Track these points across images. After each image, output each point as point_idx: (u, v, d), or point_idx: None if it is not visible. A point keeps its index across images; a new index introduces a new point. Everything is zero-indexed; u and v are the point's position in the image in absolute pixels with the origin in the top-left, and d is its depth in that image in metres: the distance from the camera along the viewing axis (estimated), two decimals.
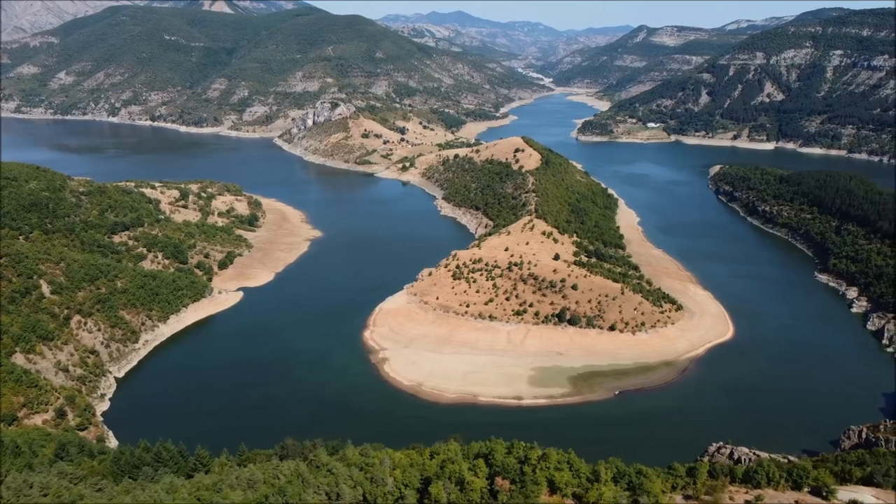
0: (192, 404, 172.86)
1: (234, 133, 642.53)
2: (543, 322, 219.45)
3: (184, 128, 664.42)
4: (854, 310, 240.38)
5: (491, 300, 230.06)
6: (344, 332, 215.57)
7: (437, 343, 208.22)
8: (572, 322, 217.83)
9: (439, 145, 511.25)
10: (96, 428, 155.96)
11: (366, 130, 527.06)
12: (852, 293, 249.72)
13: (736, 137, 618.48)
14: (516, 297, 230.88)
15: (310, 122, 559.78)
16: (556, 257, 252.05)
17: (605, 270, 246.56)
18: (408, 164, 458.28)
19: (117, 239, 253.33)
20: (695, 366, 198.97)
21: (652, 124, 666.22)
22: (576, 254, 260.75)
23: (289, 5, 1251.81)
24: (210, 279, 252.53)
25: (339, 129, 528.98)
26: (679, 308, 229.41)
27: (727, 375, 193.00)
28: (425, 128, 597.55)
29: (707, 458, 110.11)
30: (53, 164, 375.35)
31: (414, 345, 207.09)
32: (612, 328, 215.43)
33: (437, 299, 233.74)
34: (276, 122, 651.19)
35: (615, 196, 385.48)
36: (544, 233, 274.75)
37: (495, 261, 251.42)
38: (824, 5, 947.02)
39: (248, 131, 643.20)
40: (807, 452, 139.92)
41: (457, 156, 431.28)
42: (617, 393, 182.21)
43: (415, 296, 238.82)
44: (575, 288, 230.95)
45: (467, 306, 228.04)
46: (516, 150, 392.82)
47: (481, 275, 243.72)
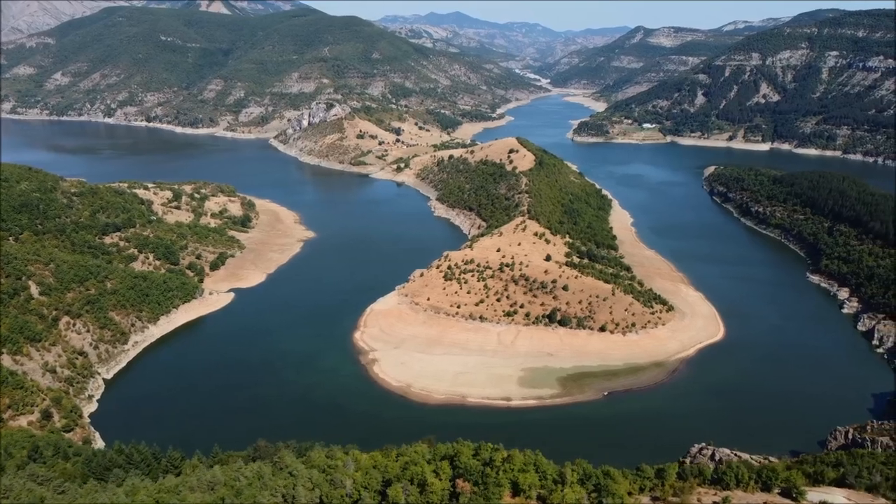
0: (180, 405, 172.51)
1: (229, 134, 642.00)
2: (534, 323, 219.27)
3: (179, 129, 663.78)
4: (845, 310, 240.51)
5: (482, 301, 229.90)
6: (334, 333, 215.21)
7: (428, 344, 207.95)
8: (563, 323, 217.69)
9: (434, 146, 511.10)
10: (82, 429, 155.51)
11: (361, 131, 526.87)
12: (844, 294, 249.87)
13: (731, 138, 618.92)
14: (507, 297, 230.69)
15: (305, 122, 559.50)
16: (548, 258, 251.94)
17: (596, 271, 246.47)
18: (402, 164, 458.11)
19: (108, 240, 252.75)
20: (685, 366, 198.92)
21: (647, 125, 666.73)
22: (568, 254, 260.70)
23: (286, 6, 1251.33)
24: (201, 280, 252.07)
25: (335, 130, 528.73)
26: (670, 309, 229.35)
27: (717, 376, 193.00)
28: (421, 129, 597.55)
29: (689, 459, 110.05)
30: (48, 165, 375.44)
31: (404, 346, 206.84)
32: (602, 329, 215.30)
33: (429, 300, 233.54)
34: (272, 122, 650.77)
35: (609, 197, 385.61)
36: (536, 234, 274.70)
37: (487, 262, 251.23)
38: (821, 6, 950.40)
39: (244, 132, 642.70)
40: (794, 453, 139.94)
41: (451, 157, 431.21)
42: (606, 394, 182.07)
43: (406, 297, 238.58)
44: (566, 289, 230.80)
45: (458, 307, 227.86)
46: (510, 151, 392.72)
47: (473, 276, 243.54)
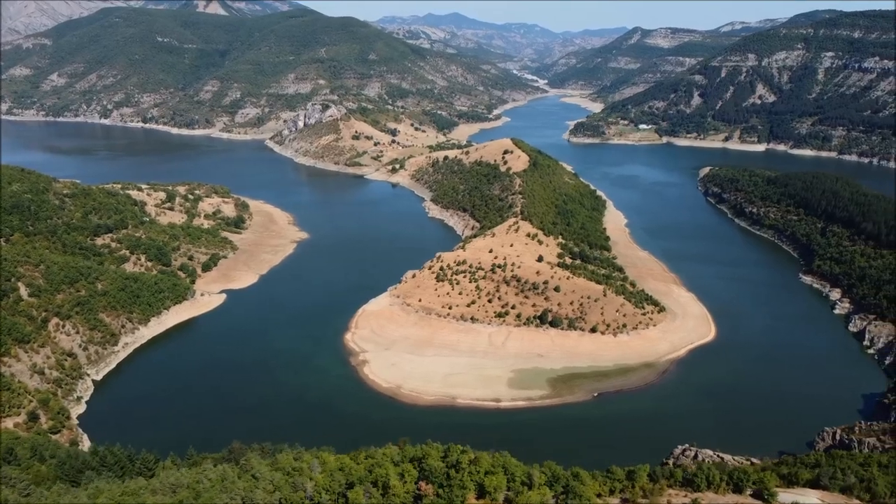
0: (169, 407, 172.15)
1: (225, 135, 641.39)
2: (525, 324, 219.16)
3: (175, 129, 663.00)
4: (837, 311, 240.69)
5: (473, 302, 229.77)
6: (325, 334, 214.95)
7: (418, 345, 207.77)
8: (554, 324, 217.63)
9: (430, 147, 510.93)
10: (70, 431, 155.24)
11: (356, 132, 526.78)
12: (836, 294, 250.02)
13: (727, 139, 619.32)
14: (499, 298, 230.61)
15: (301, 123, 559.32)
16: (540, 259, 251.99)
17: (588, 272, 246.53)
18: (397, 165, 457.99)
19: (100, 241, 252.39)
20: (675, 367, 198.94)
21: (644, 126, 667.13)
22: (560, 255, 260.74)
23: (283, 7, 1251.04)
24: (193, 281, 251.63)
25: (330, 131, 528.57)
26: (662, 310, 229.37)
27: (707, 377, 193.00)
28: (417, 129, 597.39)
29: (672, 460, 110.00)
30: (43, 167, 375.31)
31: (395, 347, 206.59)
32: (593, 330, 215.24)
33: (420, 301, 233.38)
34: (268, 123, 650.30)
35: (604, 198, 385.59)
36: (529, 234, 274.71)
37: (479, 263, 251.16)
38: (818, 6, 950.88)
39: (240, 133, 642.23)
40: (783, 454, 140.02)
41: (446, 157, 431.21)
42: (596, 395, 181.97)
43: (398, 298, 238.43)
44: (557, 290, 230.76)
45: (450, 308, 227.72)
46: (505, 152, 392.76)
47: (465, 277, 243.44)
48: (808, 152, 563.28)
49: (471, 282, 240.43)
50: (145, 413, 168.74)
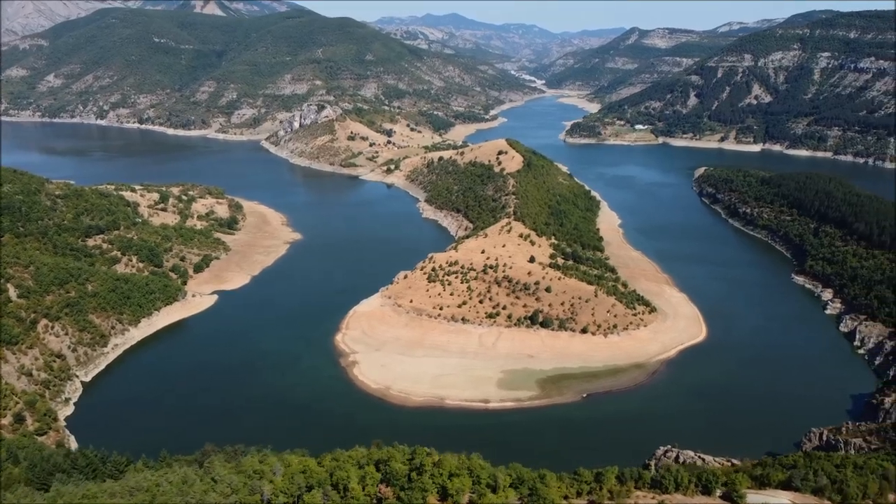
0: (156, 408, 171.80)
1: (221, 136, 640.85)
2: (516, 325, 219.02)
3: (171, 130, 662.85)
4: (828, 311, 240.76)
5: (464, 303, 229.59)
6: (316, 335, 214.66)
7: (409, 346, 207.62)
8: (545, 324, 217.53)
9: (425, 147, 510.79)
10: (56, 433, 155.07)
11: (352, 133, 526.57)
12: (827, 295, 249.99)
13: (723, 139, 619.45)
14: (490, 299, 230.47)
15: (296, 124, 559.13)
16: (532, 260, 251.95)
17: (580, 273, 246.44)
18: (393, 166, 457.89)
19: (91, 242, 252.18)
20: (665, 368, 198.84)
21: (640, 126, 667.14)
22: (552, 256, 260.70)
23: (281, 8, 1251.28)
24: (185, 282, 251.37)
25: (325, 132, 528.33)
26: (653, 310, 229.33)
27: (697, 377, 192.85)
28: (413, 130, 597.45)
29: (654, 461, 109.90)
30: (38, 167, 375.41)
31: (385, 348, 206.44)
32: (584, 331, 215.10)
33: (411, 302, 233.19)
34: (264, 124, 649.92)
35: (598, 198, 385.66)
36: (521, 235, 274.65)
37: (471, 263, 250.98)
38: (815, 6, 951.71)
39: (236, 134, 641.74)
40: (772, 454, 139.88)
41: (441, 158, 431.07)
42: (585, 395, 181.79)
43: (389, 299, 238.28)
44: (549, 290, 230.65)
45: (441, 309, 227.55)
46: (499, 153, 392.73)
47: (456, 277, 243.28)
48: (803, 152, 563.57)
49: (462, 282, 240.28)
50: (133, 414, 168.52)
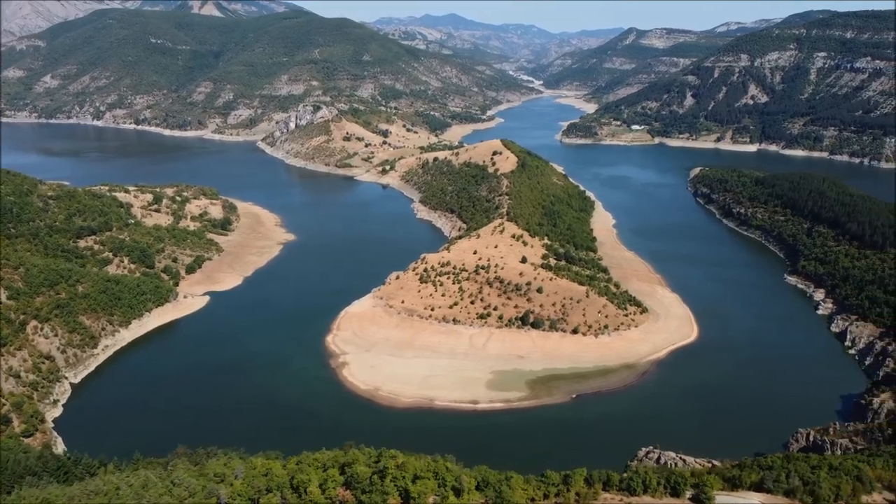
0: (143, 410, 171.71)
1: (217, 136, 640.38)
2: (507, 325, 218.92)
3: (167, 131, 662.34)
4: (820, 312, 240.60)
5: (456, 303, 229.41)
6: (307, 336, 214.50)
7: (399, 347, 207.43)
8: (535, 325, 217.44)
9: (421, 148, 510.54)
10: (43, 434, 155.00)
11: (347, 133, 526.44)
12: (819, 295, 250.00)
13: (719, 139, 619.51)
14: (481, 300, 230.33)
15: (292, 125, 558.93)
16: (524, 260, 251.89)
17: (572, 273, 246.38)
18: (388, 167, 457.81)
19: (83, 243, 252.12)
20: (655, 368, 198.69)
21: (636, 127, 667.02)
22: (545, 256, 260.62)
23: (280, 8, 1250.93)
24: (176, 283, 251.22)
25: (321, 133, 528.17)
26: (644, 311, 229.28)
27: (687, 378, 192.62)
28: (409, 130, 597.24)
29: (636, 462, 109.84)
30: (34, 168, 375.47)
31: (375, 349, 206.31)
32: (575, 331, 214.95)
33: (403, 303, 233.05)
34: (261, 125, 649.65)
35: (593, 199, 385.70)
36: (514, 236, 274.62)
37: (463, 264, 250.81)
38: (813, 6, 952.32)
39: (232, 134, 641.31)
40: (759, 455, 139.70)
41: (436, 159, 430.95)
42: (574, 396, 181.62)
43: (381, 299, 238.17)
44: (540, 291, 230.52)
45: (432, 310, 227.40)
46: (494, 153, 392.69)
47: (448, 278, 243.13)
48: (799, 152, 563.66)
49: (454, 283, 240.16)
50: (121, 416, 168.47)
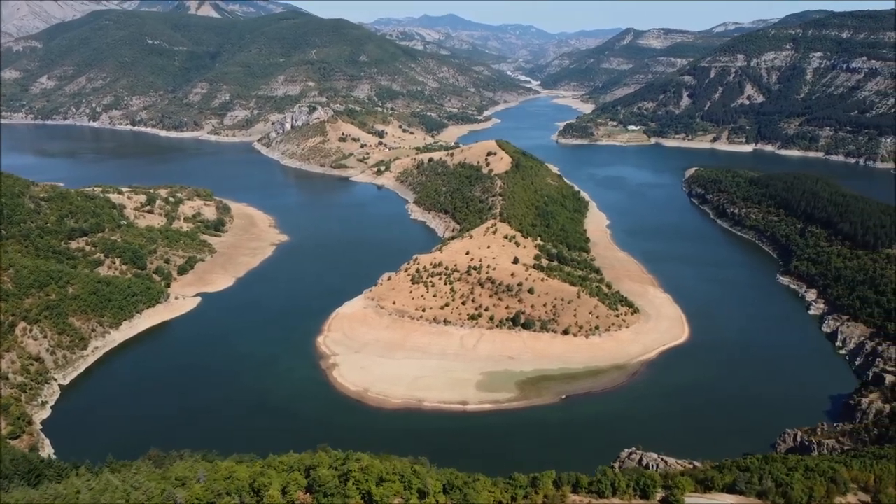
0: (133, 411, 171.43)
1: (213, 137, 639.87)
2: (498, 326, 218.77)
3: (164, 132, 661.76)
4: (811, 312, 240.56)
5: (447, 304, 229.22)
6: (298, 337, 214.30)
7: (389, 348, 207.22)
8: (526, 326, 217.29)
9: (417, 149, 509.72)
10: (30, 436, 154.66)
11: (343, 134, 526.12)
12: (811, 295, 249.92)
13: (715, 140, 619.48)
14: (473, 301, 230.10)
15: (288, 126, 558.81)
16: (516, 261, 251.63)
17: (563, 274, 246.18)
18: (383, 167, 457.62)
19: (74, 245, 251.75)
20: (646, 369, 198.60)
21: (632, 127, 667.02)
22: (537, 257, 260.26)
23: (277, 9, 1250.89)
24: (168, 285, 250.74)
25: (317, 133, 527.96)
26: (635, 311, 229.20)
27: (677, 378, 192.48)
28: (405, 131, 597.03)
29: (618, 464, 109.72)
30: (29, 170, 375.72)
31: (366, 350, 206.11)
32: (565, 332, 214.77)
33: (394, 304, 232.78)
34: (257, 125, 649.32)
35: (587, 199, 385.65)
36: (507, 236, 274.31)
37: (455, 265, 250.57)
38: (810, 6, 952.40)
39: (228, 135, 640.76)
40: (746, 456, 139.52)
41: (431, 159, 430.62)
42: (564, 397, 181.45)
43: (372, 300, 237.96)
44: (531, 292, 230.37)
45: (423, 311, 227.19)
46: (488, 154, 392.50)
47: (440, 279, 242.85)
48: (795, 153, 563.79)
49: (446, 284, 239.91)
50: (109, 418, 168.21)
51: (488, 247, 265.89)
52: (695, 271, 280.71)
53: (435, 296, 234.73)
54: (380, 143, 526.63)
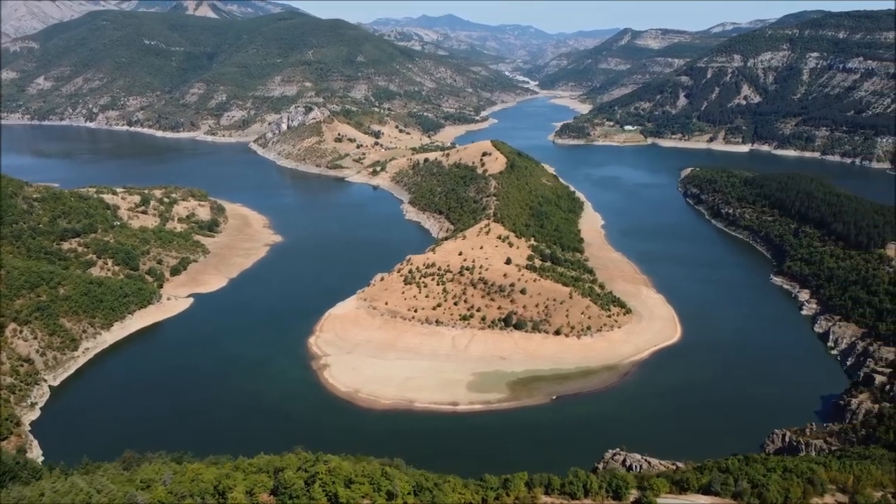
0: (122, 413, 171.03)
1: (210, 137, 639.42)
2: (490, 327, 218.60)
3: (160, 133, 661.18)
4: (804, 312, 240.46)
5: (439, 305, 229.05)
6: (289, 338, 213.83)
7: (381, 349, 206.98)
8: (518, 326, 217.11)
9: (413, 149, 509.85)
10: (18, 438, 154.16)
11: (339, 134, 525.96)
12: (804, 295, 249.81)
13: (712, 140, 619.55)
14: (465, 301, 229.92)
15: (284, 126, 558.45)
16: (508, 261, 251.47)
17: (556, 274, 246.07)
18: (379, 168, 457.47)
19: (66, 245, 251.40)
20: (637, 369, 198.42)
21: (629, 127, 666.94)
22: (530, 258, 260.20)
23: (275, 9, 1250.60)
24: (160, 285, 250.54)
25: (313, 134, 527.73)
26: (628, 312, 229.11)
27: (668, 379, 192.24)
28: (401, 131, 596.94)
29: (602, 465, 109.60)
30: (25, 170, 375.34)
31: (357, 350, 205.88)
32: (557, 332, 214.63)
33: (387, 304, 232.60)
34: (253, 126, 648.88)
35: (582, 199, 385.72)
36: (500, 237, 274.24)
37: (448, 265, 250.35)
38: (807, 6, 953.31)
39: (225, 136, 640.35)
40: (735, 456, 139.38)
41: (426, 160, 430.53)
42: (554, 397, 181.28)
43: (365, 301, 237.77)
44: (524, 292, 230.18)
45: (415, 311, 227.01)
46: (484, 154, 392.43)
47: (432, 279, 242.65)
48: (791, 153, 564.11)
49: (438, 284, 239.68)
50: (98, 419, 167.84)
51: (481, 247, 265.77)
52: (689, 272, 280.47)
53: (427, 296, 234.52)
54: (376, 144, 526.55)
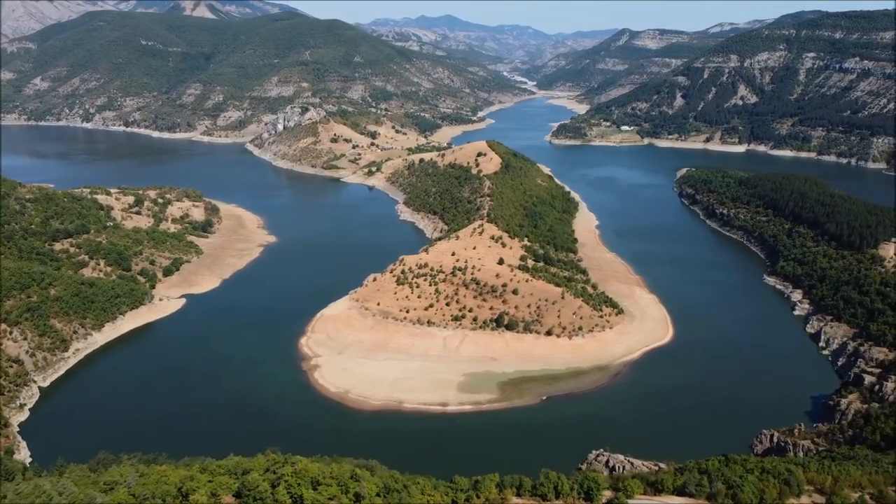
0: (112, 414, 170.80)
1: (206, 138, 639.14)
2: (481, 327, 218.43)
3: (157, 133, 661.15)
4: (797, 312, 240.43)
5: (431, 305, 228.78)
6: (281, 339, 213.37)
7: (372, 349, 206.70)
8: (510, 327, 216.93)
9: (409, 149, 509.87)
10: (6, 439, 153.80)
11: (335, 135, 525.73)
12: (797, 296, 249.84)
13: (708, 140, 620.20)
14: (457, 302, 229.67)
15: (280, 126, 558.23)
16: (501, 262, 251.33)
17: (549, 275, 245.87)
18: (374, 168, 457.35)
19: (58, 246, 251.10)
20: (628, 370, 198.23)
21: (626, 127, 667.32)
22: (523, 258, 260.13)
23: (273, 10, 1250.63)
24: (153, 286, 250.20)
25: (309, 134, 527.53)
26: (620, 312, 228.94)
27: (659, 379, 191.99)
28: (398, 132, 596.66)
29: (586, 465, 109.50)
30: (20, 171, 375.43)
31: (348, 351, 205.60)
32: (549, 333, 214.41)
33: (379, 305, 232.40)
34: (250, 127, 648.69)
35: (577, 200, 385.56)
36: (493, 237, 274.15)
37: (440, 266, 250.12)
38: (805, 6, 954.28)
39: (221, 136, 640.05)
40: (716, 457, 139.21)
41: (422, 160, 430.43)
42: (544, 398, 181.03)
43: (357, 301, 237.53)
44: (516, 293, 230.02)
45: (407, 312, 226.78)
46: (479, 155, 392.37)
47: (425, 280, 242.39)
48: (787, 153, 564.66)
49: (431, 285, 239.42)
50: (87, 420, 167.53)
51: (474, 248, 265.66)
52: (682, 272, 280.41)
53: (419, 297, 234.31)
54: (372, 144, 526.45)
